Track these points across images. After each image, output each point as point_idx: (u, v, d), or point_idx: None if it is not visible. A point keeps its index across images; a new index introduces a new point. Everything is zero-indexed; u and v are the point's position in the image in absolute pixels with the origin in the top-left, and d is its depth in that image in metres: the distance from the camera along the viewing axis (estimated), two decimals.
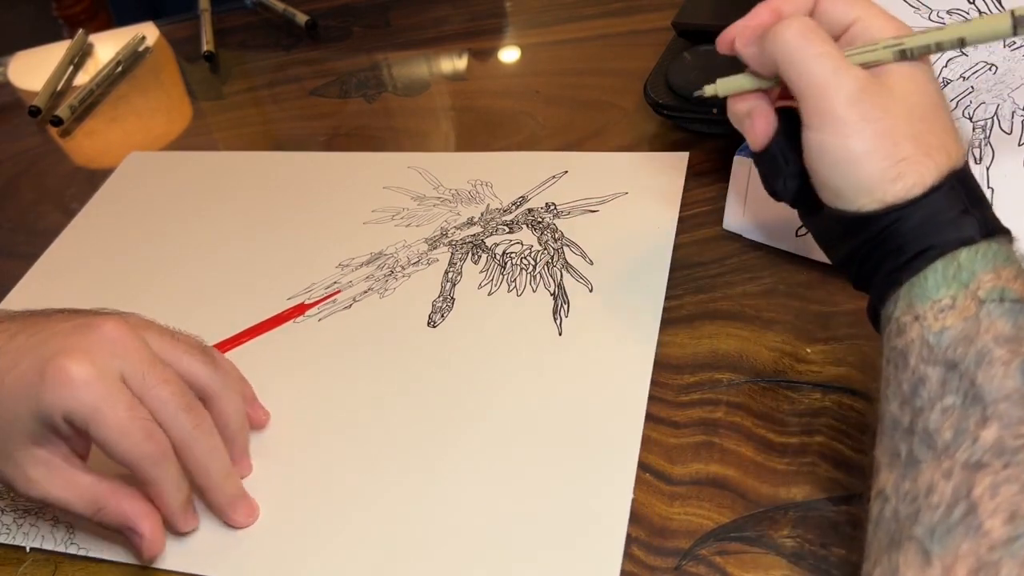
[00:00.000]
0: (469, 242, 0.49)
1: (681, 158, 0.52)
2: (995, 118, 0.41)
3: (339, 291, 0.48)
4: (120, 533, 0.35)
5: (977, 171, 0.41)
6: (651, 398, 0.40)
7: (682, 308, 0.43)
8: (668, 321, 0.43)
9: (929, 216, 0.28)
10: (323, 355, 0.45)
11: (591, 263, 0.46)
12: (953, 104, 0.42)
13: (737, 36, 0.34)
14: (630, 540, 0.34)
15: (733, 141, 0.51)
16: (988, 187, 0.40)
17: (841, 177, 0.30)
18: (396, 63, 0.69)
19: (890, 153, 0.29)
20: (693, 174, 0.51)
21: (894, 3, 0.43)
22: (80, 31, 0.79)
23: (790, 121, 0.32)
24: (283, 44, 0.74)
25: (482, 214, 0.51)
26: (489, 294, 0.46)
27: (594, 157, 0.54)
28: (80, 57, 0.77)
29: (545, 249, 0.47)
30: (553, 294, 0.45)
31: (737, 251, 0.46)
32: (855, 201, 0.30)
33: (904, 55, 0.30)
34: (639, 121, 0.56)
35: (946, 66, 0.42)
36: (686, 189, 0.50)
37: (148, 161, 0.62)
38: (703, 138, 0.54)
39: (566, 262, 0.47)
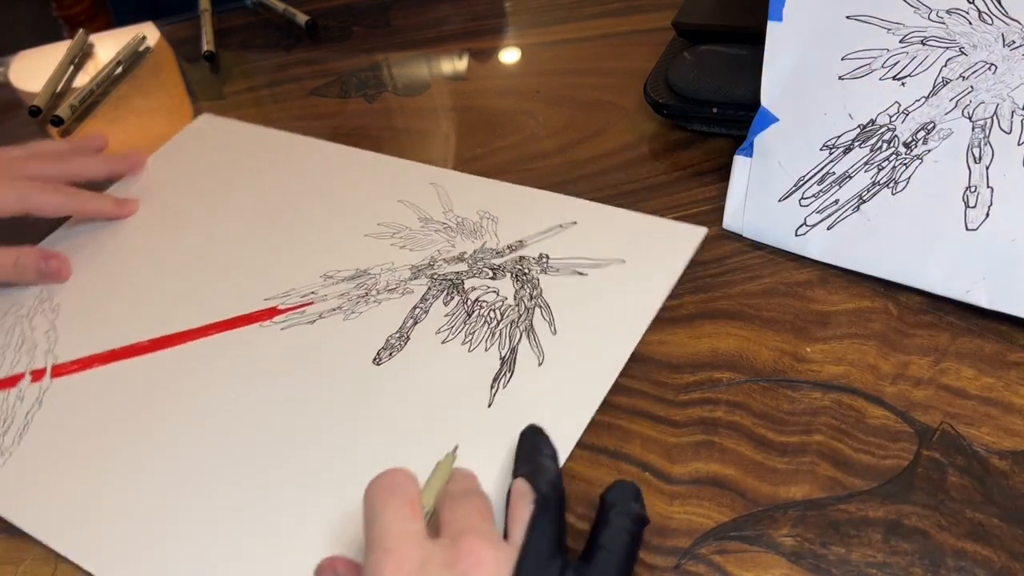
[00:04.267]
0: (449, 279, 0.47)
1: (697, 233, 0.47)
2: (995, 118, 0.41)
3: (312, 303, 0.47)
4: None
5: (977, 171, 0.41)
6: (651, 397, 0.40)
7: (682, 308, 0.44)
8: (668, 320, 0.43)
9: None
10: (261, 368, 0.44)
11: (554, 332, 0.43)
12: (953, 104, 0.42)
13: None
14: None
15: (733, 141, 0.51)
16: (988, 187, 0.40)
17: None
18: (396, 63, 0.69)
19: None
20: (693, 174, 0.51)
21: (894, 3, 0.43)
22: (80, 31, 0.79)
23: None
24: (283, 44, 0.74)
25: (475, 252, 0.48)
26: (443, 342, 0.44)
27: (611, 212, 0.49)
28: (80, 57, 0.77)
29: (517, 305, 0.45)
30: (503, 358, 0.42)
31: (737, 251, 0.46)
32: None
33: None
34: (639, 121, 0.56)
35: (946, 66, 0.42)
36: (686, 189, 0.50)
37: (214, 125, 0.65)
38: (703, 138, 0.54)
39: (531, 325, 0.44)
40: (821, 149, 0.45)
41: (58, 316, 0.49)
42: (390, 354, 0.44)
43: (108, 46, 0.77)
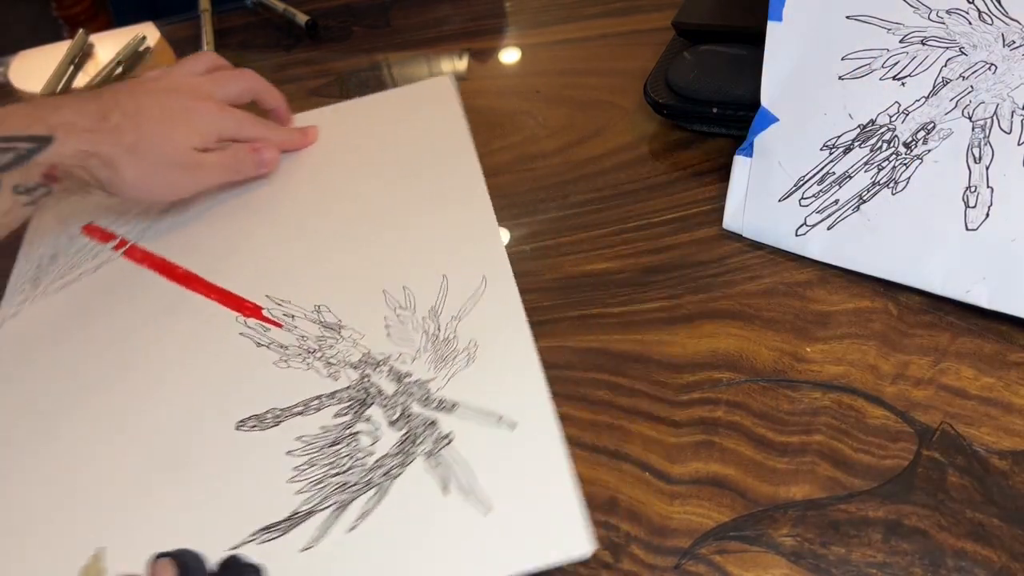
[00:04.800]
0: (367, 391, 0.42)
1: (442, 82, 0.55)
2: (995, 118, 0.41)
3: (280, 326, 0.46)
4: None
5: (977, 171, 0.41)
6: (651, 397, 0.40)
7: (682, 308, 0.44)
8: (668, 320, 0.43)
9: None
10: (194, 359, 0.45)
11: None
12: (953, 104, 0.42)
13: None
14: (630, 539, 0.35)
15: (733, 141, 0.51)
16: (988, 187, 0.40)
17: None
18: (396, 63, 0.69)
19: None
20: (693, 174, 0.51)
21: (894, 3, 0.43)
22: (80, 31, 0.79)
23: None
24: (283, 44, 0.74)
25: (418, 380, 0.42)
26: (289, 452, 0.40)
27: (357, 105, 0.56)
28: (80, 57, 0.77)
29: (375, 467, 0.39)
30: (293, 515, 0.38)
31: (737, 251, 0.46)
32: None
33: None
34: (639, 121, 0.56)
35: (946, 66, 0.42)
36: (686, 189, 0.50)
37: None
38: (703, 138, 0.54)
39: (379, 498, 0.38)
40: (821, 149, 0.45)
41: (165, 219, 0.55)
42: (252, 427, 0.41)
43: (108, 46, 0.77)
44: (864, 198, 0.43)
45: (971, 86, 0.41)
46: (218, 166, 0.53)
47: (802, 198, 0.45)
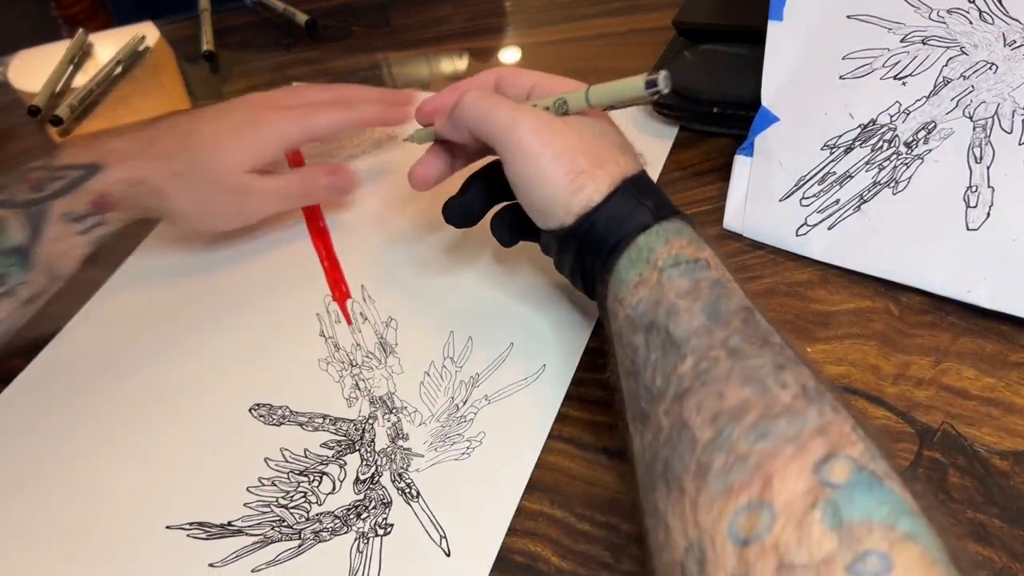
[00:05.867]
0: (363, 429, 0.40)
1: None
2: (995, 117, 0.41)
3: (350, 323, 0.45)
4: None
5: (978, 170, 0.41)
6: None
7: None
8: None
9: (611, 216, 0.34)
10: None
11: None
12: (954, 104, 0.42)
13: (428, 115, 0.42)
14: (630, 539, 0.34)
15: (733, 141, 0.51)
16: (989, 186, 0.40)
17: (538, 198, 0.36)
18: (396, 63, 0.69)
19: (569, 168, 0.35)
20: (693, 174, 0.51)
21: (895, 3, 0.43)
22: (80, 31, 0.79)
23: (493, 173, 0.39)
24: (283, 44, 0.74)
25: (405, 450, 0.39)
26: (265, 458, 0.40)
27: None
28: (80, 57, 0.77)
29: (313, 521, 0.37)
30: (222, 524, 0.37)
31: (737, 251, 0.46)
32: (554, 217, 0.36)
33: (564, 112, 0.37)
34: (639, 120, 0.56)
35: (947, 65, 0.42)
36: (686, 189, 0.50)
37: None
38: (703, 138, 0.53)
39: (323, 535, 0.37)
40: (822, 149, 0.45)
41: None
42: (260, 416, 0.41)
43: (107, 46, 0.77)
44: (865, 198, 0.43)
45: (972, 86, 0.41)
46: (272, 193, 0.47)
47: (803, 198, 0.45)
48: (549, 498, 0.36)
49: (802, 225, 0.45)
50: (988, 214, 0.40)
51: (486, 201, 0.41)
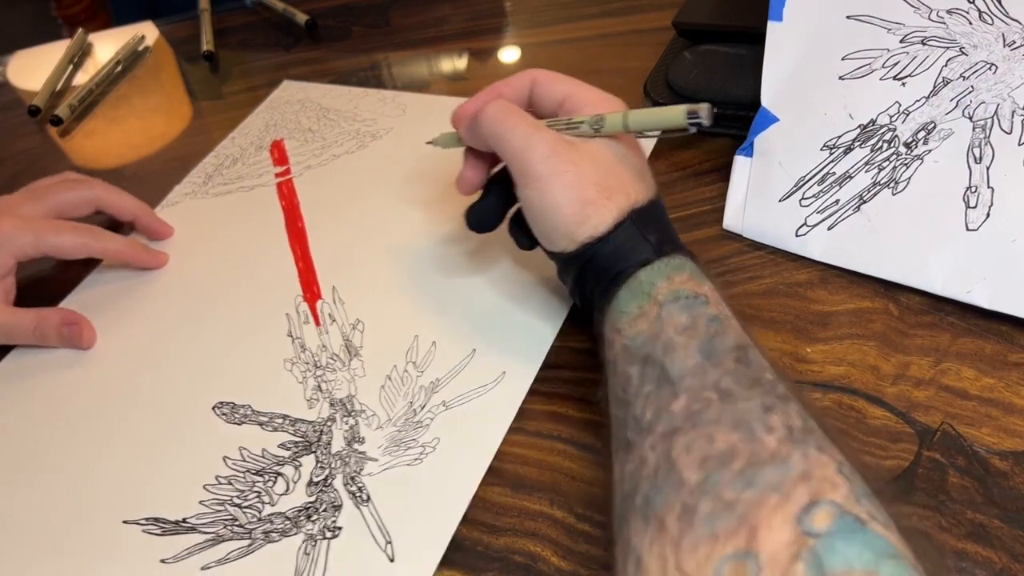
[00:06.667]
0: (320, 432, 0.40)
1: None
2: (995, 118, 0.41)
3: (318, 325, 0.46)
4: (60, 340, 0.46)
5: (977, 171, 0.41)
6: None
7: None
8: None
9: (613, 249, 0.34)
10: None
11: None
12: (953, 104, 0.42)
13: (457, 121, 0.41)
14: None
15: (733, 141, 0.51)
16: (989, 187, 0.40)
17: (543, 224, 0.36)
18: (396, 63, 0.69)
19: (577, 198, 0.35)
20: (693, 174, 0.51)
21: (894, 3, 0.43)
22: (80, 30, 0.79)
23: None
24: (283, 44, 0.74)
25: (359, 454, 0.39)
26: (224, 456, 0.40)
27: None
28: (80, 56, 0.77)
29: (264, 521, 0.37)
30: (176, 520, 0.37)
31: (737, 251, 0.46)
32: (558, 243, 0.36)
33: (597, 131, 0.37)
34: None
35: (946, 66, 0.42)
36: (686, 189, 0.50)
37: (302, 90, 0.67)
38: (703, 138, 0.53)
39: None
40: (821, 149, 0.45)
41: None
42: (223, 414, 0.42)
43: (107, 45, 0.77)
44: (864, 198, 0.43)
45: (971, 86, 0.41)
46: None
47: (802, 198, 0.45)
48: (549, 498, 0.36)
49: (802, 225, 0.45)
50: (988, 214, 0.40)
51: (505, 204, 0.41)
